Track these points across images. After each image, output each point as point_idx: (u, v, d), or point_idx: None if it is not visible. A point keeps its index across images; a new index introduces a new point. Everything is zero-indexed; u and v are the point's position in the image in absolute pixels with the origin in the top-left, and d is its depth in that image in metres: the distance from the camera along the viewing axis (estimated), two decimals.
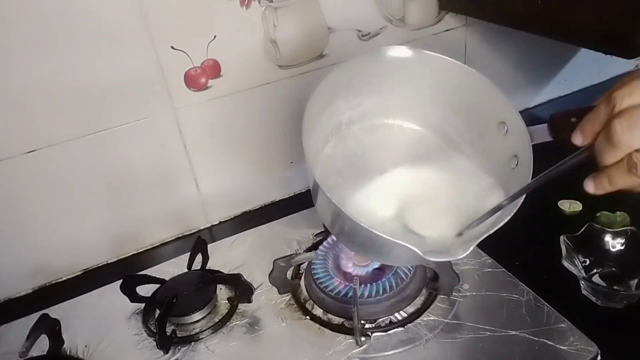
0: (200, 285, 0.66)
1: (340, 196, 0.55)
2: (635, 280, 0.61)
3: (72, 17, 0.63)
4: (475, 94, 0.57)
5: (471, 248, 0.46)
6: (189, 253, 0.70)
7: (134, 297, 0.66)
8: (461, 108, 0.59)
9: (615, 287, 0.61)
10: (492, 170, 0.56)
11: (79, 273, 0.78)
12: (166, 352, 0.60)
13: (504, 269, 0.65)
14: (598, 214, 0.72)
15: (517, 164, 0.51)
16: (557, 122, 0.48)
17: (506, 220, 0.47)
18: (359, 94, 0.60)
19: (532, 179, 0.48)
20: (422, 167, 0.60)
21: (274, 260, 0.64)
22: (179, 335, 0.62)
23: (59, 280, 0.77)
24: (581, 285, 0.61)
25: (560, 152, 0.44)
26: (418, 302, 0.63)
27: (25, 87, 0.64)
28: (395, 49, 0.57)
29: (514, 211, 0.47)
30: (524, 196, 0.47)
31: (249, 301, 0.64)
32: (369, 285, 0.62)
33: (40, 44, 0.62)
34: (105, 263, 0.79)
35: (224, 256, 0.74)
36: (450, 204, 0.56)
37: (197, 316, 0.64)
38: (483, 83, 0.56)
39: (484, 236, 0.47)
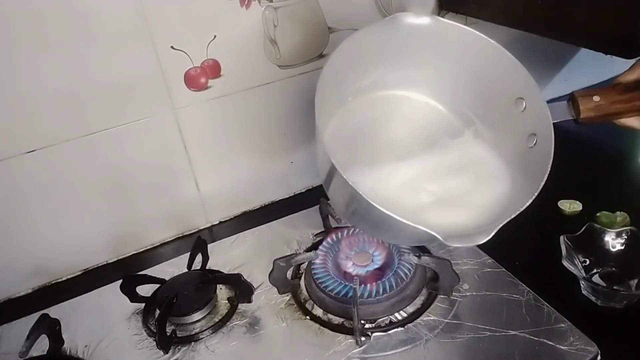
0: (200, 285, 0.66)
1: (349, 175, 0.53)
2: (635, 280, 0.61)
3: (72, 18, 0.63)
4: (491, 66, 0.53)
5: (493, 233, 0.45)
6: (189, 253, 0.70)
7: (134, 297, 0.66)
8: (475, 81, 0.56)
9: (615, 287, 0.61)
10: (507, 148, 0.53)
11: (79, 273, 0.78)
12: (166, 352, 0.60)
13: (504, 269, 0.65)
14: (598, 214, 0.72)
15: (535, 143, 0.49)
16: (579, 100, 0.46)
17: (528, 203, 0.46)
18: (369, 63, 0.57)
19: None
20: (431, 148, 0.57)
21: (274, 260, 0.64)
22: (179, 335, 0.62)
23: (59, 280, 0.77)
24: (581, 285, 0.61)
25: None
26: (418, 302, 0.63)
27: (25, 87, 0.64)
28: (412, 16, 0.53)
29: (536, 194, 0.46)
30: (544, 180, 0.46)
31: (249, 301, 0.64)
32: (369, 285, 0.62)
33: (40, 44, 0.62)
34: (105, 263, 0.79)
35: (224, 256, 0.74)
36: (460, 187, 0.55)
37: (197, 316, 0.64)
38: (501, 55, 0.53)
39: (506, 221, 0.46)
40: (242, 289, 0.64)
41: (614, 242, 0.64)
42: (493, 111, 0.55)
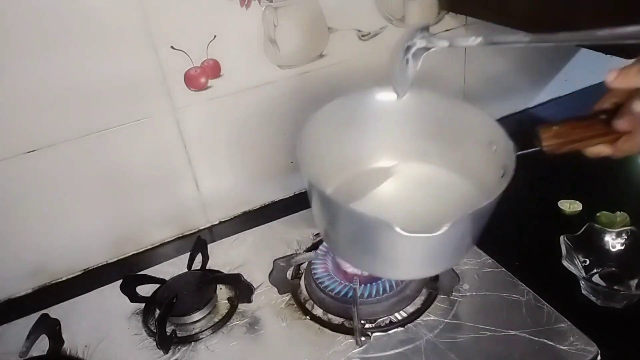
0: (200, 285, 0.66)
1: None
2: (635, 280, 0.61)
3: (72, 17, 0.63)
4: (465, 121, 0.60)
5: (446, 227, 0.45)
6: (189, 253, 0.70)
7: (134, 297, 0.66)
8: (457, 139, 0.62)
9: (615, 287, 0.61)
10: (486, 183, 0.57)
11: (79, 273, 0.78)
12: (166, 352, 0.60)
13: (504, 269, 0.65)
14: (598, 214, 0.72)
15: (503, 174, 0.53)
16: (540, 130, 0.50)
17: (489, 202, 0.47)
18: (350, 135, 0.63)
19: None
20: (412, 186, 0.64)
21: (274, 260, 0.64)
22: (179, 335, 0.62)
23: (59, 280, 0.77)
24: (581, 285, 0.61)
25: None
26: (418, 302, 0.63)
27: (25, 87, 0.64)
28: (382, 93, 0.61)
29: (499, 194, 0.48)
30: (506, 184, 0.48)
31: (249, 301, 0.64)
32: (369, 285, 0.62)
33: (40, 44, 0.62)
34: (105, 263, 0.79)
35: (224, 256, 0.74)
36: (439, 210, 0.58)
37: (197, 316, 0.64)
38: (471, 110, 0.59)
39: (464, 215, 0.47)
40: (242, 289, 0.64)
41: (614, 242, 0.64)
42: (474, 161, 0.61)
